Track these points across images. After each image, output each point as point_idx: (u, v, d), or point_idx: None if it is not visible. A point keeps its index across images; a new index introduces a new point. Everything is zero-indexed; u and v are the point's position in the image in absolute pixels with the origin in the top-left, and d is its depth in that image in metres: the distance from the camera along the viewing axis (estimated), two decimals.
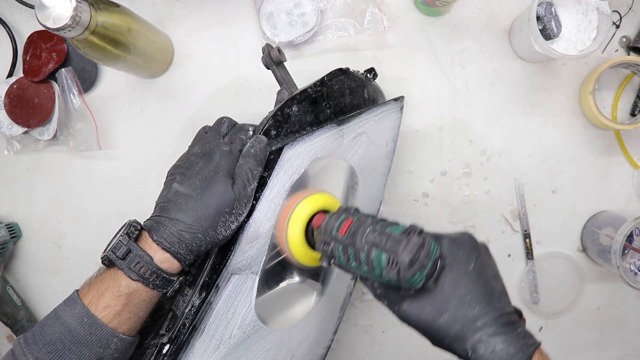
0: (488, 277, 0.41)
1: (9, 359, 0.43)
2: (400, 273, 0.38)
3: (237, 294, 0.50)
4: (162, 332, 0.49)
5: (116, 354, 0.44)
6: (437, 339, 0.40)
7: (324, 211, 0.51)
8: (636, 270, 0.68)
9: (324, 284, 0.61)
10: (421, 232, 0.40)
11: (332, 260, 0.44)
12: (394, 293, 0.42)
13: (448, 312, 0.39)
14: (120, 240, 0.44)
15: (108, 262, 0.44)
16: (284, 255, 0.53)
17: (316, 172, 0.56)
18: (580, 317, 0.77)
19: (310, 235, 0.50)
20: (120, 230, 0.45)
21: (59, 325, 0.43)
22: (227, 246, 0.49)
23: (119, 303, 0.43)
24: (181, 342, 0.47)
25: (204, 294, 0.48)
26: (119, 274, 0.44)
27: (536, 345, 0.39)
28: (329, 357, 0.78)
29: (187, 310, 0.47)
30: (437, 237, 0.42)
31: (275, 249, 0.53)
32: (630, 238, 0.67)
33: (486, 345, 0.38)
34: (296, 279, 0.59)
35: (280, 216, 0.50)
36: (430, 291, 0.40)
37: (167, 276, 0.45)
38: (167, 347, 0.46)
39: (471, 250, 0.42)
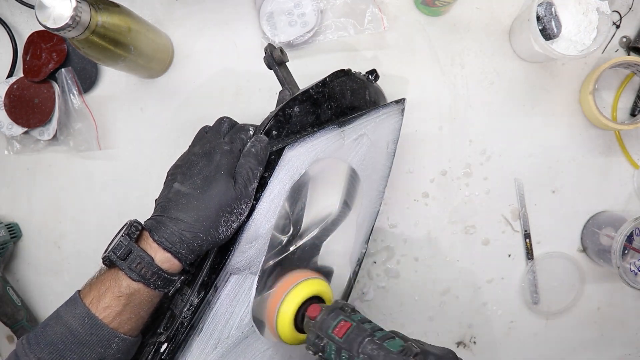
0: None
1: (12, 359, 0.43)
2: None
3: (236, 293, 0.50)
4: (160, 330, 0.49)
5: (118, 354, 0.44)
6: None
7: (317, 297, 0.52)
8: (636, 270, 0.67)
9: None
10: (417, 355, 0.42)
11: (321, 355, 0.45)
12: None
13: None
14: (121, 240, 0.44)
15: (109, 262, 0.44)
16: (258, 328, 0.53)
17: (317, 173, 0.56)
18: (580, 317, 0.77)
19: (299, 318, 0.51)
20: (121, 230, 0.45)
21: (60, 326, 0.43)
22: (227, 246, 0.49)
23: (119, 303, 0.43)
24: (179, 341, 0.47)
25: (202, 294, 0.48)
26: (119, 275, 0.44)
27: None
28: None
29: (185, 310, 0.47)
30: (425, 355, 0.43)
31: (274, 249, 0.53)
32: (630, 238, 0.67)
33: None
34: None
35: (275, 293, 0.52)
36: None
37: (168, 276, 0.45)
38: (164, 345, 0.46)
39: None
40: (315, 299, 0.52)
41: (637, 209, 0.75)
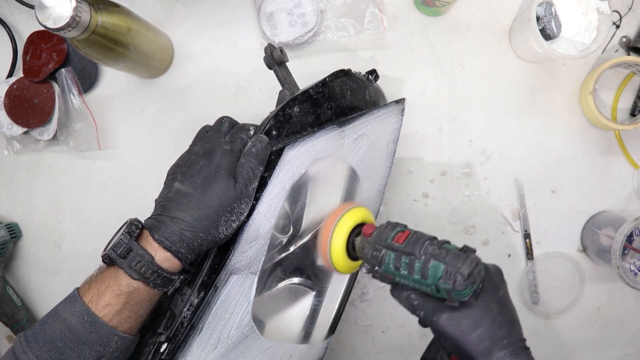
0: (511, 306, 0.47)
1: (10, 356, 0.43)
2: (456, 284, 0.42)
3: (236, 293, 0.50)
4: (160, 330, 0.49)
5: (117, 352, 0.44)
6: (465, 350, 0.44)
7: (363, 224, 0.54)
8: (636, 270, 0.68)
9: (323, 284, 0.61)
10: (474, 251, 0.45)
11: (377, 267, 0.47)
12: (433, 304, 0.46)
13: (481, 327, 0.44)
14: (121, 238, 0.44)
15: (109, 260, 0.44)
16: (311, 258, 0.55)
17: (317, 173, 0.56)
18: (580, 317, 0.77)
19: (351, 247, 0.53)
20: (121, 228, 0.45)
21: (59, 324, 0.43)
22: (227, 246, 0.49)
23: (119, 302, 0.43)
24: (179, 341, 0.47)
25: (202, 294, 0.48)
26: (119, 273, 0.44)
27: None
28: (329, 357, 0.78)
29: (185, 310, 0.47)
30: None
31: (274, 249, 0.53)
32: (630, 238, 0.67)
33: None
34: (294, 279, 0.59)
35: (324, 227, 0.53)
36: (468, 307, 0.44)
37: (168, 275, 0.45)
38: (164, 345, 0.46)
39: (501, 280, 0.48)
40: (361, 226, 0.53)
41: (637, 209, 0.75)
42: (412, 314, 0.48)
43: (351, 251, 0.53)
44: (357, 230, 0.53)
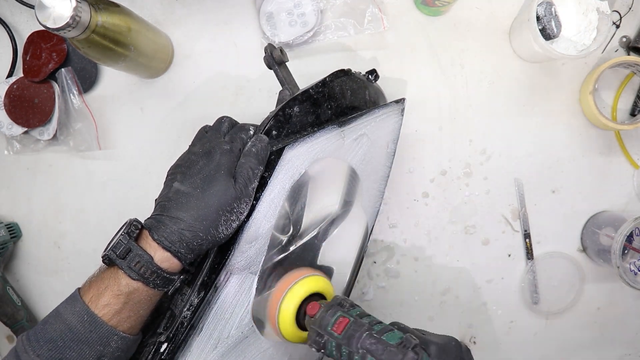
0: None
1: (12, 356, 0.43)
2: None
3: (236, 293, 0.50)
4: (160, 330, 0.49)
5: (117, 352, 0.44)
6: None
7: (318, 294, 0.52)
8: (636, 270, 0.67)
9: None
10: (415, 346, 0.42)
11: (323, 351, 0.46)
12: None
13: None
14: (120, 239, 0.44)
15: (108, 261, 0.44)
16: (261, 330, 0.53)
17: (317, 173, 0.56)
18: (580, 317, 0.77)
19: (301, 316, 0.51)
20: (120, 229, 0.45)
21: (59, 323, 0.43)
22: (227, 246, 0.49)
23: (118, 302, 0.43)
24: (179, 341, 0.47)
25: (202, 294, 0.48)
26: (119, 273, 0.44)
27: None
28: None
29: (185, 310, 0.47)
30: (426, 345, 0.43)
31: (274, 249, 0.53)
32: (630, 238, 0.67)
33: None
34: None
35: (275, 292, 0.52)
36: None
37: (168, 275, 0.45)
38: (164, 345, 0.46)
39: (456, 359, 0.44)
40: (316, 296, 0.52)
41: (637, 209, 0.75)
42: None
43: (302, 322, 0.51)
44: (310, 300, 0.51)
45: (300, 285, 0.52)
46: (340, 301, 0.48)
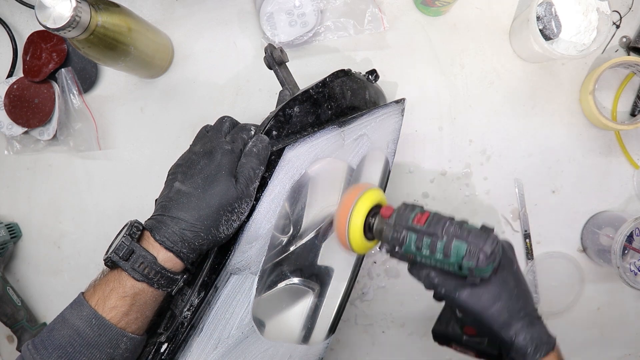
0: (524, 279, 0.50)
1: None
2: (479, 262, 0.44)
3: (236, 293, 0.50)
4: (160, 330, 0.49)
5: (126, 353, 0.44)
6: (486, 324, 0.47)
7: (380, 205, 0.54)
8: (636, 270, 0.68)
9: (323, 284, 0.61)
10: (493, 229, 0.47)
11: (397, 248, 0.48)
12: (453, 282, 0.48)
13: (500, 301, 0.47)
14: (122, 241, 0.44)
15: (111, 263, 0.44)
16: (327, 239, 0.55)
17: (317, 173, 0.56)
18: (580, 317, 0.77)
19: (367, 229, 0.52)
20: (121, 231, 0.45)
21: (67, 329, 0.43)
22: (227, 246, 0.49)
23: (125, 303, 0.43)
24: (179, 342, 0.47)
25: (202, 294, 0.48)
26: (123, 275, 0.44)
27: (555, 338, 0.50)
28: (329, 357, 0.78)
29: (185, 310, 0.47)
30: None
31: (274, 249, 0.53)
32: (630, 238, 0.67)
33: (526, 333, 0.47)
34: (294, 279, 0.59)
35: (341, 208, 0.52)
36: (487, 283, 0.47)
37: (171, 275, 0.45)
38: (165, 346, 0.46)
39: (513, 255, 0.51)
40: (377, 208, 0.54)
41: (637, 209, 0.75)
42: (428, 290, 0.50)
43: (368, 233, 0.53)
44: (373, 211, 0.53)
45: (366, 198, 0.53)
46: (413, 203, 0.51)
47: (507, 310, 0.47)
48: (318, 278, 0.61)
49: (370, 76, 0.65)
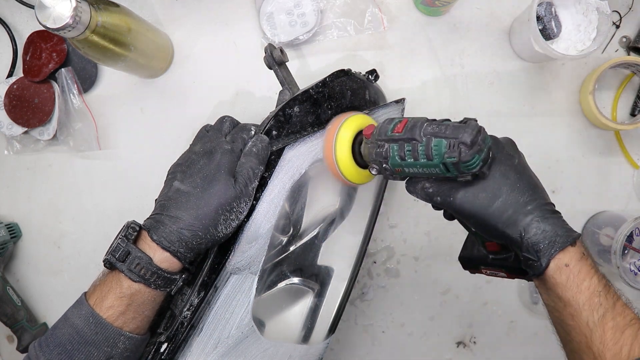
0: (530, 172, 0.45)
1: None
2: (462, 154, 0.40)
3: (236, 293, 0.50)
4: (160, 330, 0.49)
5: (126, 352, 0.45)
6: (490, 225, 0.43)
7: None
8: (636, 270, 0.67)
9: (323, 284, 0.61)
10: (474, 120, 0.43)
11: (384, 164, 0.46)
12: (447, 186, 0.44)
13: (501, 198, 0.42)
14: (119, 242, 0.44)
15: (109, 265, 0.45)
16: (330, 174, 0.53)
17: (317, 173, 0.56)
18: None
19: (357, 155, 0.51)
20: (119, 232, 0.45)
21: (68, 327, 0.44)
22: (227, 246, 0.49)
23: (122, 303, 0.44)
24: (179, 341, 0.47)
25: (202, 294, 0.48)
26: (120, 276, 0.44)
27: (579, 234, 0.43)
28: (329, 357, 0.78)
29: (185, 310, 0.47)
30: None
31: (274, 249, 0.53)
32: (630, 238, 0.67)
33: (537, 227, 0.41)
34: (294, 279, 0.59)
35: (326, 140, 0.51)
36: (483, 179, 0.43)
37: (168, 275, 0.45)
38: (164, 345, 0.47)
39: (514, 149, 0.47)
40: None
41: (637, 209, 0.75)
42: (429, 203, 0.47)
43: (359, 159, 0.51)
44: (360, 137, 0.51)
45: (347, 125, 0.51)
46: (393, 117, 0.48)
47: (511, 206, 0.42)
48: (318, 278, 0.61)
49: (370, 76, 0.65)
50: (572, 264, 0.41)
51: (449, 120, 0.44)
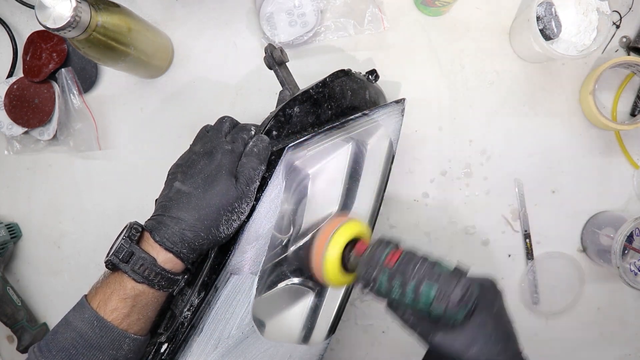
0: (506, 319, 0.48)
1: None
2: (449, 307, 0.43)
3: (236, 294, 0.50)
4: (160, 331, 0.49)
5: (130, 354, 0.44)
6: None
7: (358, 239, 0.54)
8: (636, 271, 0.68)
9: (322, 284, 0.61)
10: (466, 273, 0.45)
11: (372, 286, 0.47)
12: (427, 324, 0.46)
13: (476, 346, 0.44)
14: (122, 243, 0.44)
15: (112, 266, 0.44)
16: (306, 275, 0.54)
17: (317, 172, 0.56)
18: (580, 317, 0.77)
19: (345, 259, 0.52)
20: (121, 233, 0.45)
21: (70, 331, 0.43)
22: (227, 246, 0.49)
23: (126, 305, 0.43)
24: (179, 342, 0.47)
25: (202, 294, 0.48)
26: (123, 277, 0.44)
27: None
28: (329, 357, 0.78)
29: (185, 310, 0.47)
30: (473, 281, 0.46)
31: (274, 249, 0.53)
32: (630, 238, 0.67)
33: None
34: (294, 279, 0.59)
35: (318, 238, 0.53)
36: (462, 327, 0.45)
37: (172, 276, 0.45)
38: (165, 346, 0.46)
39: (495, 295, 0.48)
40: (356, 241, 0.53)
41: (637, 209, 0.75)
42: (405, 331, 0.49)
43: (347, 265, 0.53)
44: (352, 245, 0.53)
45: (343, 230, 0.52)
46: (389, 239, 0.49)
47: (484, 355, 0.44)
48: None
49: (370, 76, 0.65)
50: None
51: (440, 264, 0.46)
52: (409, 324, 0.47)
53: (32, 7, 0.79)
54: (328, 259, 0.52)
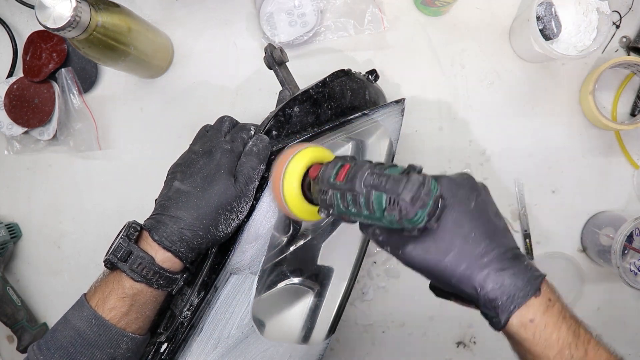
0: (490, 215, 0.40)
1: None
2: (402, 212, 0.37)
3: (236, 293, 0.50)
4: (160, 330, 0.49)
5: (128, 353, 0.45)
6: (444, 280, 0.39)
7: (320, 163, 0.48)
8: (636, 271, 0.67)
9: (323, 284, 0.61)
10: (420, 170, 0.39)
11: (331, 210, 0.43)
12: (396, 237, 0.40)
13: (453, 251, 0.38)
14: (120, 242, 0.44)
15: (110, 265, 0.44)
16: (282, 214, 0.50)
17: None
18: (580, 317, 0.77)
19: (307, 189, 0.47)
20: (120, 232, 0.45)
21: (69, 330, 0.43)
22: (227, 246, 0.49)
23: (124, 304, 0.44)
24: (179, 341, 0.47)
25: (202, 294, 0.48)
26: (122, 276, 0.44)
27: (542, 277, 0.40)
28: (329, 357, 0.78)
29: (185, 310, 0.47)
30: (437, 177, 0.40)
31: (274, 249, 0.53)
32: (630, 238, 0.67)
33: (495, 281, 0.38)
34: (294, 279, 0.59)
35: (274, 173, 0.48)
36: (433, 231, 0.39)
37: (170, 275, 0.45)
38: (164, 345, 0.47)
39: (471, 190, 0.41)
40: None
41: (637, 209, 0.75)
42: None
43: (310, 197, 0.47)
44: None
45: (297, 160, 0.47)
46: (342, 156, 0.45)
47: (465, 260, 0.38)
48: (318, 278, 0.61)
49: (370, 76, 0.65)
50: (537, 318, 0.39)
51: (395, 166, 0.41)
52: (380, 242, 0.42)
53: (32, 7, 0.79)
54: (287, 190, 0.46)
